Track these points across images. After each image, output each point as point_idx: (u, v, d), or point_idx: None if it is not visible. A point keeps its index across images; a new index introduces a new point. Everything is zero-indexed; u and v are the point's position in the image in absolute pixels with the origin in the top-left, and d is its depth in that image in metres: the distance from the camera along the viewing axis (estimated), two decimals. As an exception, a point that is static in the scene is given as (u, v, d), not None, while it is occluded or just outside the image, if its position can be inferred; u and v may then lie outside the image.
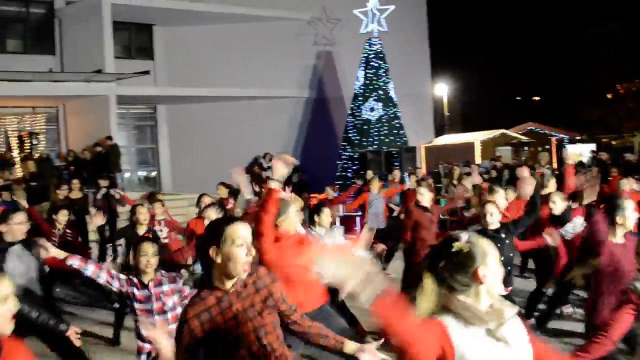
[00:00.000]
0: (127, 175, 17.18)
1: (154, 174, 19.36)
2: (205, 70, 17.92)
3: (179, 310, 3.76)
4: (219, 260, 2.26)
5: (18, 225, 4.35)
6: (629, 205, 3.73)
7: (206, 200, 6.96)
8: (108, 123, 15.57)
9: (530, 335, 1.99)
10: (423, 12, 23.13)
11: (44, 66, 15.46)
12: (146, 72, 15.69)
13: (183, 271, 4.29)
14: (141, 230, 6.05)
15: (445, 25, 31.94)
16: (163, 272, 3.92)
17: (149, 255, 3.79)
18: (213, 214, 5.12)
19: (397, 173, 12.13)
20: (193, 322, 2.26)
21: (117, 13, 16.01)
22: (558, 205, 5.39)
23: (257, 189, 9.92)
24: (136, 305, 3.81)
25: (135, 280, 3.84)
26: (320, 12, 19.66)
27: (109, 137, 15.03)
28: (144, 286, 3.81)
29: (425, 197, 6.27)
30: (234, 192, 8.56)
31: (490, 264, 1.93)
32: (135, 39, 18.75)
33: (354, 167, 15.73)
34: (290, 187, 18.62)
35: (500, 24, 36.81)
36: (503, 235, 4.53)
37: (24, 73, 14.01)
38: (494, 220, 4.59)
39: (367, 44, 16.51)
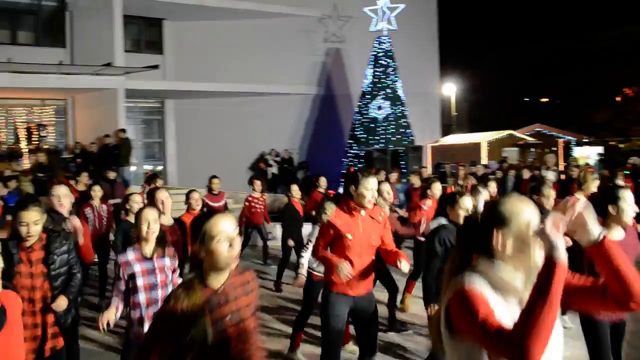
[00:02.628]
0: (133, 169, 17.26)
1: (160, 168, 19.45)
2: (214, 66, 17.98)
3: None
4: (203, 256, 2.23)
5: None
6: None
7: (195, 196, 6.93)
8: (116, 116, 15.65)
9: None
10: (433, 11, 23.06)
11: (55, 59, 15.55)
12: (155, 67, 15.75)
13: None
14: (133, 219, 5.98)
15: (455, 25, 31.86)
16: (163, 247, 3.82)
17: (150, 222, 3.65)
18: (165, 196, 5.02)
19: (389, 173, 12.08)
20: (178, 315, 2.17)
21: (127, 7, 16.08)
22: None
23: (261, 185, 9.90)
24: (139, 282, 3.62)
25: (133, 256, 3.68)
26: (331, 10, 19.66)
27: (123, 130, 15.12)
28: (147, 259, 3.68)
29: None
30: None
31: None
32: (145, 33, 18.85)
33: (360, 165, 15.74)
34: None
35: (510, 25, 36.71)
36: None
37: (34, 65, 14.11)
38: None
39: (377, 42, 16.50)
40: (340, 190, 14.46)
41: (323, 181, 9.85)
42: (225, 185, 15.38)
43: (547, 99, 39.83)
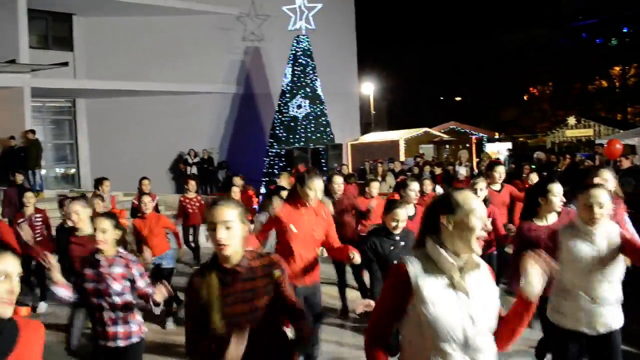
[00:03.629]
0: (43, 172, 16.39)
1: (72, 170, 18.57)
2: (129, 64, 17.37)
3: (128, 297, 3.61)
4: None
5: None
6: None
7: (145, 199, 6.74)
8: (22, 117, 14.83)
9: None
10: (351, 11, 23.45)
11: (-49, 55, 14.49)
12: (64, 64, 15.03)
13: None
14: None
15: (373, 25, 32.52)
16: (122, 252, 3.69)
17: (99, 230, 3.61)
18: (79, 207, 4.89)
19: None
20: (194, 292, 2.41)
21: (33, 0, 15.23)
22: None
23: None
24: (87, 285, 3.58)
25: (88, 259, 3.67)
26: (249, 8, 19.53)
27: (32, 131, 14.35)
28: (95, 264, 3.60)
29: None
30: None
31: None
32: (53, 28, 17.87)
33: (281, 164, 15.75)
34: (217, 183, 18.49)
35: (426, 26, 37.90)
36: (398, 239, 4.46)
37: None
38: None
39: (295, 41, 16.55)
40: (263, 189, 14.44)
41: (237, 180, 10.16)
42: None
43: (460, 98, 41.50)
